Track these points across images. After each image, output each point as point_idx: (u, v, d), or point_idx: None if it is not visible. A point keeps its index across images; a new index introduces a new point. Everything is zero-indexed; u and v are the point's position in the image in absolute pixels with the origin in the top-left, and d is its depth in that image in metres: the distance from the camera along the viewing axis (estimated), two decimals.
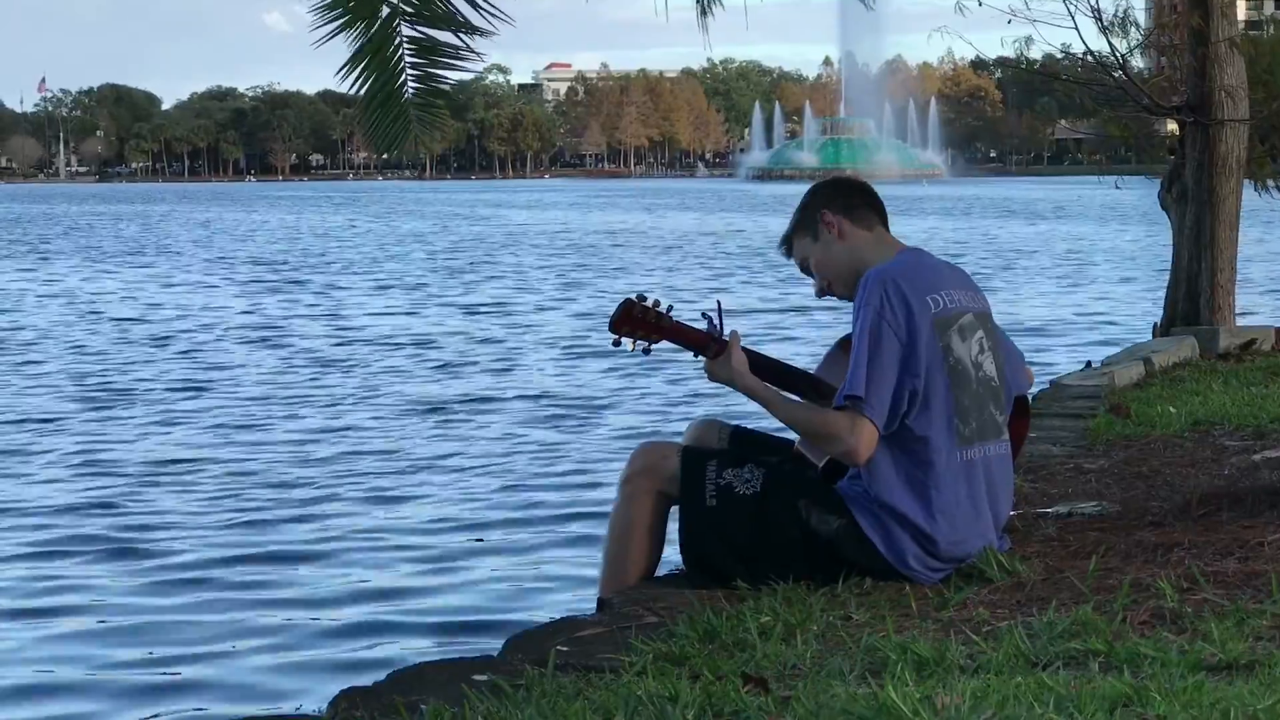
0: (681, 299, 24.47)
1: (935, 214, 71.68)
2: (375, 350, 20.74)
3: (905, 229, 51.13)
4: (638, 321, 4.98)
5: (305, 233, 58.49)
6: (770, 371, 5.17)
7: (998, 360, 5.06)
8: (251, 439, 13.73)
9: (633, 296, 5.02)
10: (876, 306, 4.84)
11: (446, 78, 5.20)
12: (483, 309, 26.89)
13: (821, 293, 5.23)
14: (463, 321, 24.76)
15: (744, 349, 5.02)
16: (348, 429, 14.26)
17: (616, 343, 5.03)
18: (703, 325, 5.03)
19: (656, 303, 5.02)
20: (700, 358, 5.05)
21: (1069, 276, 33.81)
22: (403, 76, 5.14)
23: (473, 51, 5.18)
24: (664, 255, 41.95)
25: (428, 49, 5.15)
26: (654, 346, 5.01)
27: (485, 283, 32.60)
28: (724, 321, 5.02)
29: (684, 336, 5.02)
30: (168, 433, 14.18)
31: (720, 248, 45.91)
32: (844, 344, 5.07)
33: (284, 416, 15.05)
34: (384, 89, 5.08)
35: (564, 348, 20.80)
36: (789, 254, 5.28)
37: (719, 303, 5.16)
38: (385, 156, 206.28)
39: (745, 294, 28.99)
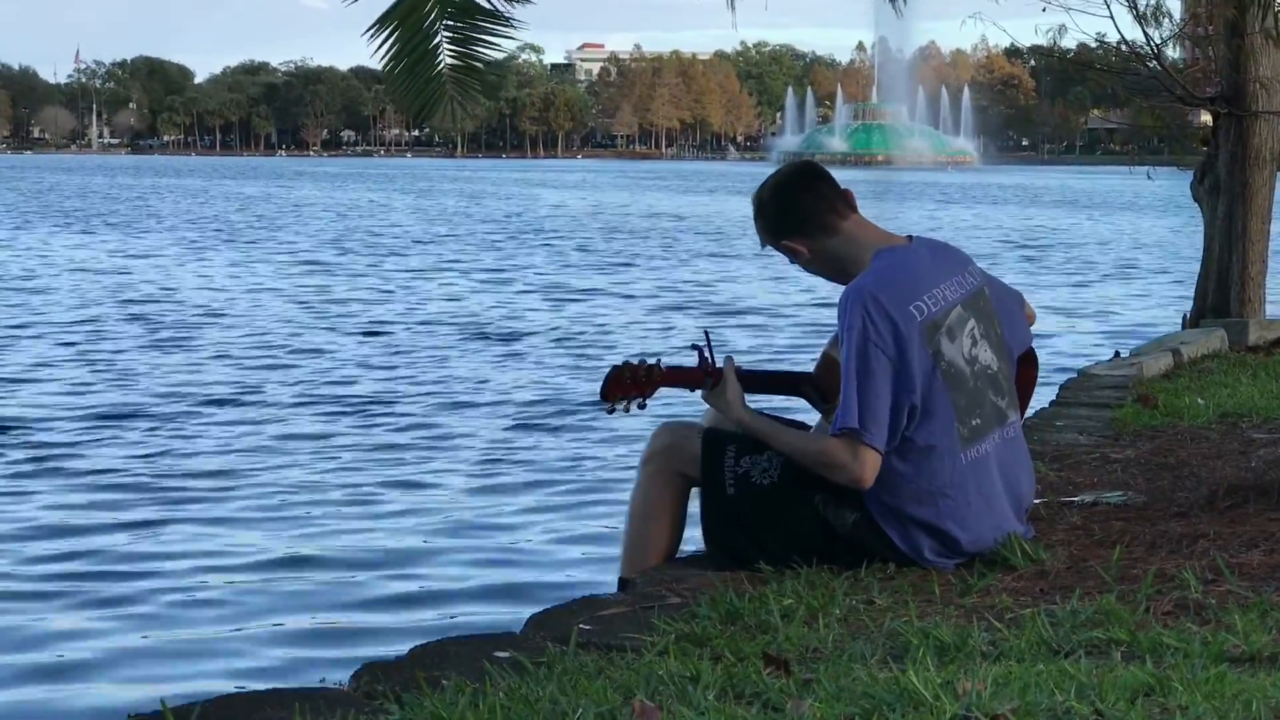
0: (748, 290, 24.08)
1: (964, 203, 71.51)
2: (434, 332, 20.68)
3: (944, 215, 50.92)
4: (628, 385, 5.05)
5: (398, 213, 57.09)
6: (771, 384, 5.21)
7: (994, 340, 4.97)
8: (287, 414, 13.76)
9: (619, 363, 5.06)
10: (860, 328, 4.73)
11: (488, 41, 5.14)
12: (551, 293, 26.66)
13: None
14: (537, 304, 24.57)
15: (741, 371, 5.04)
16: (378, 405, 14.28)
17: (610, 410, 5.07)
18: (694, 360, 5.05)
19: (643, 360, 5.05)
20: (698, 391, 5.07)
21: (1101, 266, 33.67)
22: (437, 38, 5.09)
23: (511, 21, 5.13)
24: (733, 240, 41.53)
25: (465, 11, 5.09)
26: (650, 400, 5.07)
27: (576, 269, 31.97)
28: (714, 352, 5.03)
29: (678, 380, 5.08)
30: (216, 410, 14.23)
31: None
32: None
33: (322, 392, 15.06)
34: (416, 49, 5.03)
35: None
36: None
37: (706, 334, 5.16)
38: (417, 134, 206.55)
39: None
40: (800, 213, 4.99)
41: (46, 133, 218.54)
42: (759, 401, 5.21)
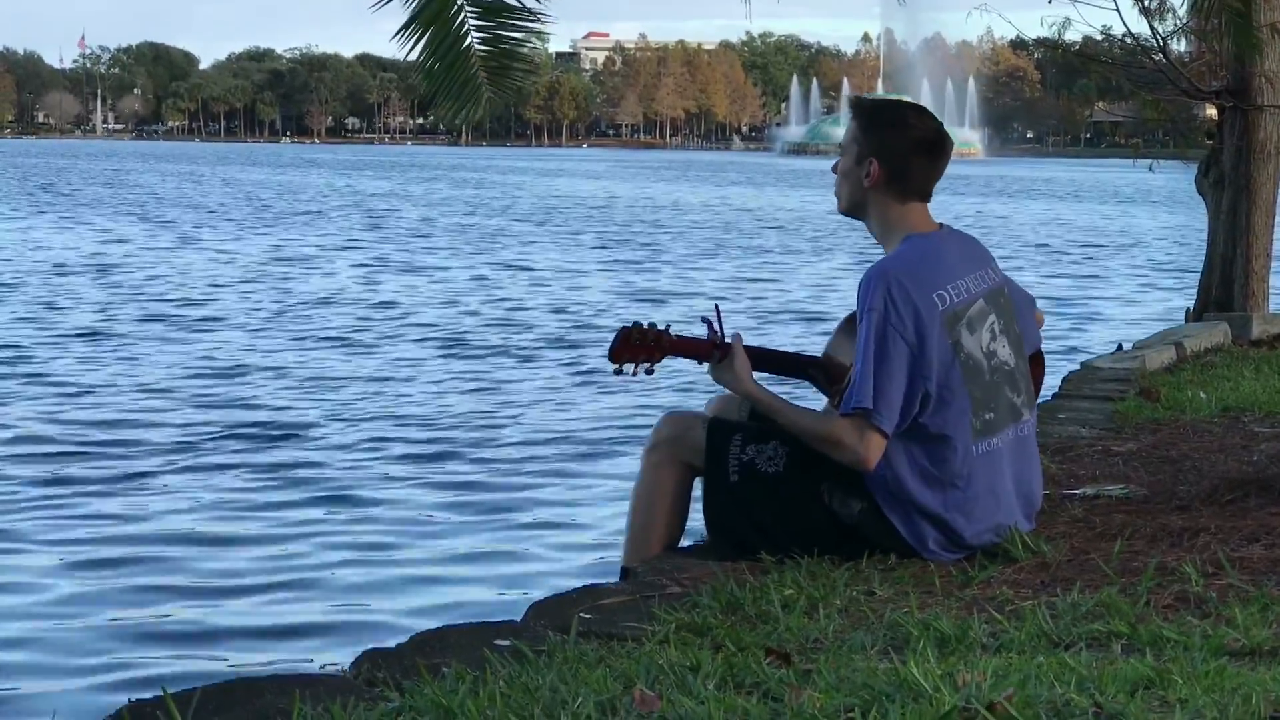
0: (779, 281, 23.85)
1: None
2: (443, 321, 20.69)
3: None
4: (637, 348, 5.00)
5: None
6: (778, 364, 5.18)
7: (1012, 338, 4.98)
8: (298, 402, 13.77)
9: (629, 324, 5.03)
10: (881, 310, 4.73)
11: (517, 38, 5.15)
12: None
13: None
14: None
15: (749, 347, 5.02)
16: (389, 394, 14.29)
17: (618, 371, 5.04)
18: (704, 331, 5.02)
19: (653, 324, 5.02)
20: (705, 365, 5.05)
21: (1104, 259, 33.65)
22: (468, 40, 5.10)
23: (540, 16, 5.13)
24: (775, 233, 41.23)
25: (493, 10, 5.10)
26: (657, 366, 5.03)
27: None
28: (723, 325, 5.01)
29: (686, 350, 5.03)
30: (224, 388, 14.25)
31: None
32: (851, 319, 5.05)
33: (336, 378, 15.07)
34: (450, 51, 5.03)
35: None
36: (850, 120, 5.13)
37: (716, 307, 5.14)
38: (421, 121, 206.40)
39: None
40: (908, 161, 4.97)
41: (51, 118, 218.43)
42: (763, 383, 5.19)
